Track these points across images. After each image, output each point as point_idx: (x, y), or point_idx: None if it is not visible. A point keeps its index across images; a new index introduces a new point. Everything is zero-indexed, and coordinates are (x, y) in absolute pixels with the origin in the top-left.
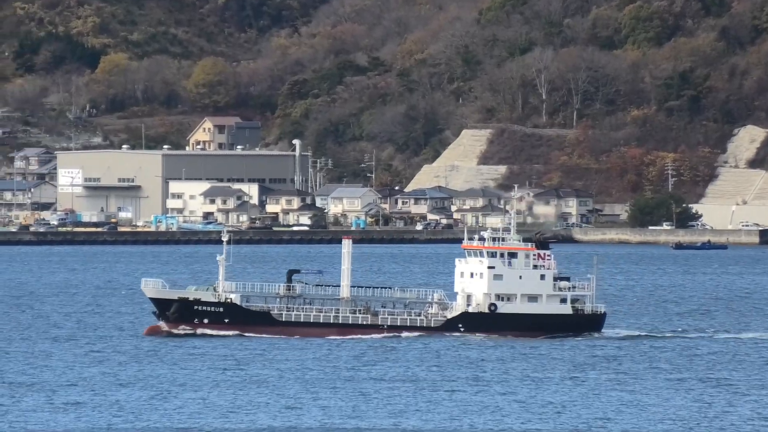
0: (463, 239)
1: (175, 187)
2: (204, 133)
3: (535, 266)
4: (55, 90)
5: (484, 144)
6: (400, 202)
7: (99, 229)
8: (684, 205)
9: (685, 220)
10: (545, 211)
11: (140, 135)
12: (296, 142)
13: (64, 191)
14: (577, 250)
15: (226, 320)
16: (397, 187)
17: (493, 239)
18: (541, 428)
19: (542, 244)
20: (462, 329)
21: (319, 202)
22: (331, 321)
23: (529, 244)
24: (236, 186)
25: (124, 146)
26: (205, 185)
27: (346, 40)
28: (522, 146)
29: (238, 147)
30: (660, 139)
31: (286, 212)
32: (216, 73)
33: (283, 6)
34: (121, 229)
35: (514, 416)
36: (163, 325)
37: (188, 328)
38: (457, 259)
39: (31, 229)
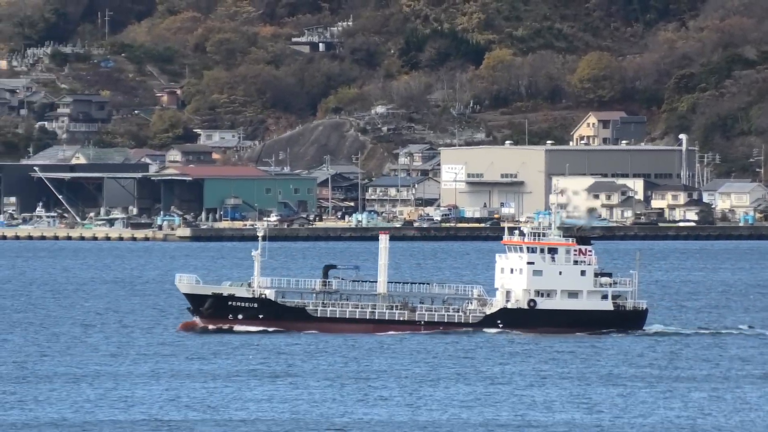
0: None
1: (558, 182)
2: (588, 128)
3: (576, 262)
4: (439, 86)
5: None
6: None
7: (481, 225)
8: None
9: None
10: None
11: (523, 130)
12: (682, 136)
13: (447, 187)
14: None
15: (261, 316)
16: None
17: (534, 235)
18: None
19: (583, 239)
20: (501, 325)
21: (706, 198)
22: (368, 317)
23: (570, 239)
24: (620, 181)
25: (507, 142)
26: (588, 180)
27: (735, 34)
28: None
29: (623, 142)
30: None
31: (672, 208)
32: (601, 68)
33: (671, 0)
34: (503, 225)
35: None
36: (198, 321)
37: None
38: (497, 255)
39: (415, 224)
